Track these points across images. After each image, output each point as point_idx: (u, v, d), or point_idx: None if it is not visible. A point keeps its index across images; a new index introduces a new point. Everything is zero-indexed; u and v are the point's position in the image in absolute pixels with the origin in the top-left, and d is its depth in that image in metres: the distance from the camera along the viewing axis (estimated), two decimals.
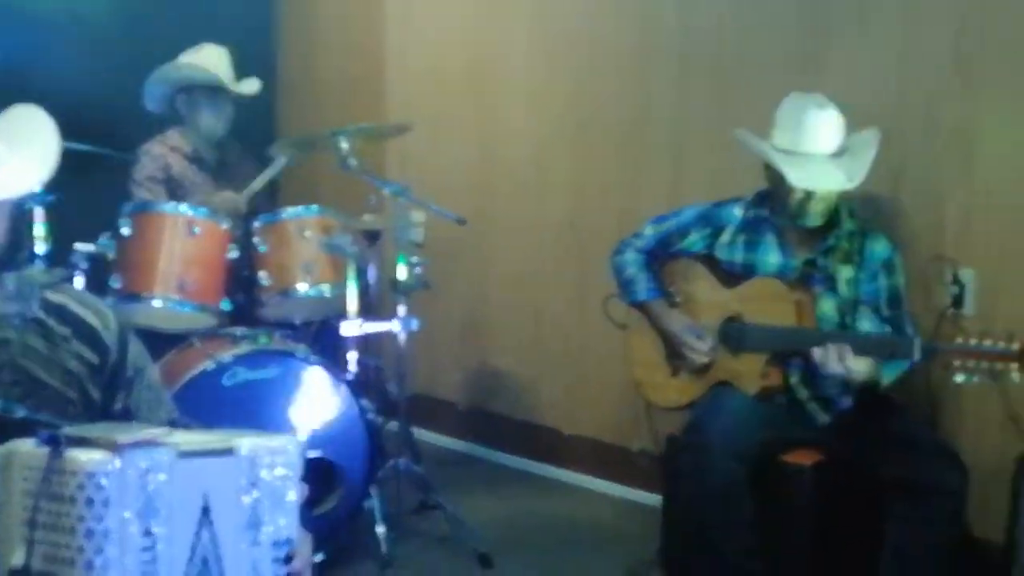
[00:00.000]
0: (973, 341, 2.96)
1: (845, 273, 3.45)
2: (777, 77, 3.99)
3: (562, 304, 4.86)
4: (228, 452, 1.79)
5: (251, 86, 4.58)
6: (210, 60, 4.49)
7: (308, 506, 1.92)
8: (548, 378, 4.97)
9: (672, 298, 3.69)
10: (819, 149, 3.36)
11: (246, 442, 1.81)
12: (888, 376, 3.33)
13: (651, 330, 3.71)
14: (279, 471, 1.82)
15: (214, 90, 4.45)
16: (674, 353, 3.64)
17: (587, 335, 4.71)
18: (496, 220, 5.08)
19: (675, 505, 3.65)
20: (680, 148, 4.38)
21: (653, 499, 4.17)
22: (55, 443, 1.66)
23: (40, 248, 3.88)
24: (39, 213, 3.88)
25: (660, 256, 3.72)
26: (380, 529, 3.81)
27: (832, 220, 3.46)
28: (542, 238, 4.93)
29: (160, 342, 3.79)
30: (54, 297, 2.08)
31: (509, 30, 5.02)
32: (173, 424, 2.13)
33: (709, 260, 3.64)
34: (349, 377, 3.90)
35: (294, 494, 1.85)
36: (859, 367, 3.19)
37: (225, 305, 3.94)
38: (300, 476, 1.86)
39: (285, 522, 1.83)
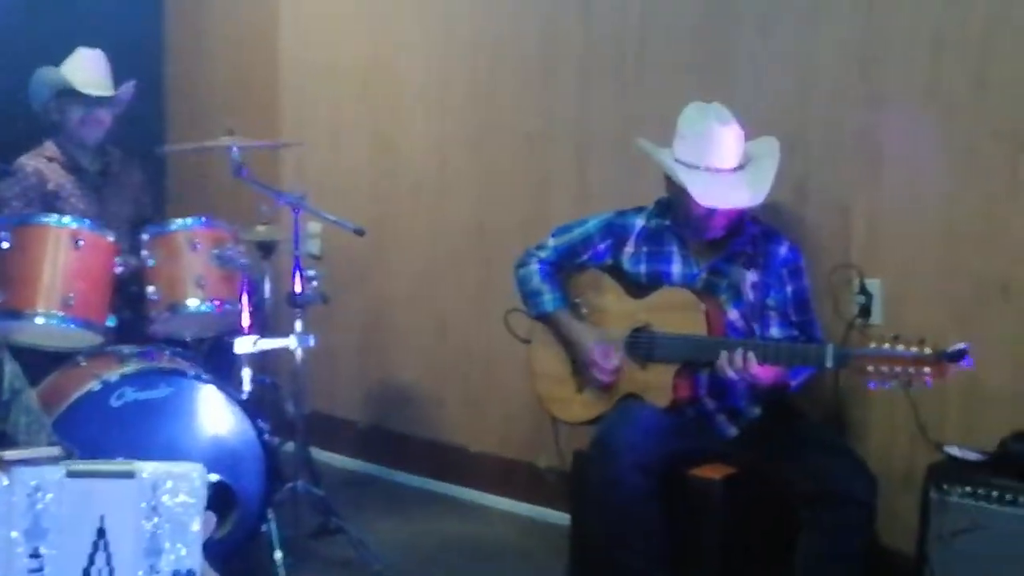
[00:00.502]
0: (886, 346, 2.95)
1: (750, 279, 3.45)
2: (680, 84, 4.00)
3: (465, 316, 4.80)
4: (129, 475, 1.73)
5: (124, 91, 4.42)
6: (81, 64, 4.34)
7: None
8: (452, 394, 4.90)
9: (579, 309, 3.66)
10: (722, 164, 3.36)
11: (148, 466, 1.77)
12: (794, 383, 3.36)
13: (556, 343, 3.67)
14: (182, 498, 1.78)
15: (85, 96, 4.30)
16: (580, 367, 3.59)
17: (491, 349, 4.65)
18: (396, 230, 5.00)
19: (583, 522, 3.61)
20: (585, 154, 4.36)
21: (561, 517, 4.13)
22: None
23: None
24: None
25: (565, 267, 3.70)
26: (278, 554, 3.72)
27: (734, 227, 3.47)
28: (444, 248, 4.87)
29: (44, 361, 3.68)
30: None
31: (407, 33, 4.96)
32: None
33: (615, 270, 3.63)
34: (244, 396, 3.81)
35: (198, 524, 1.79)
36: (764, 375, 3.18)
37: (112, 322, 3.79)
38: (205, 505, 1.79)
39: (187, 552, 1.77)
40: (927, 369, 2.89)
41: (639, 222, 3.60)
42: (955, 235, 3.49)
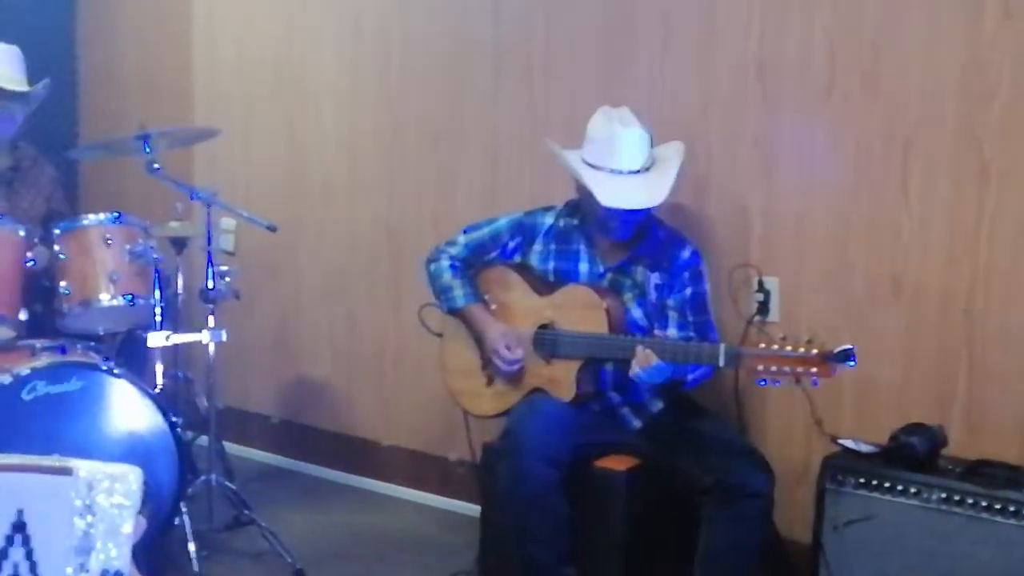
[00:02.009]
0: (775, 346, 3.04)
1: (654, 280, 3.52)
2: (585, 87, 4.08)
3: (377, 312, 4.83)
4: (64, 471, 1.72)
5: (39, 88, 4.35)
6: None
7: None
8: (363, 388, 4.93)
9: (487, 305, 3.71)
10: (625, 167, 3.43)
11: (85, 465, 1.76)
12: (691, 378, 3.44)
13: (467, 338, 3.72)
14: (117, 499, 1.78)
15: (1, 91, 4.24)
16: (489, 361, 3.65)
17: (403, 343, 4.69)
18: (309, 226, 5.02)
19: (492, 513, 3.65)
20: (495, 153, 4.41)
21: (472, 509, 4.19)
22: None
23: None
24: None
25: (474, 264, 3.74)
26: (191, 546, 3.71)
27: (641, 229, 3.53)
28: (356, 244, 4.89)
29: None
30: None
31: (318, 28, 4.96)
32: None
33: (523, 268, 3.69)
34: (156, 390, 3.80)
35: (130, 526, 1.80)
36: (664, 370, 3.26)
37: (23, 316, 3.76)
38: (138, 508, 1.80)
39: (117, 553, 1.78)
40: (814, 369, 2.97)
41: (548, 221, 3.66)
42: (847, 234, 3.60)
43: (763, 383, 3.07)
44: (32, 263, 3.80)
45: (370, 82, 4.79)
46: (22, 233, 3.79)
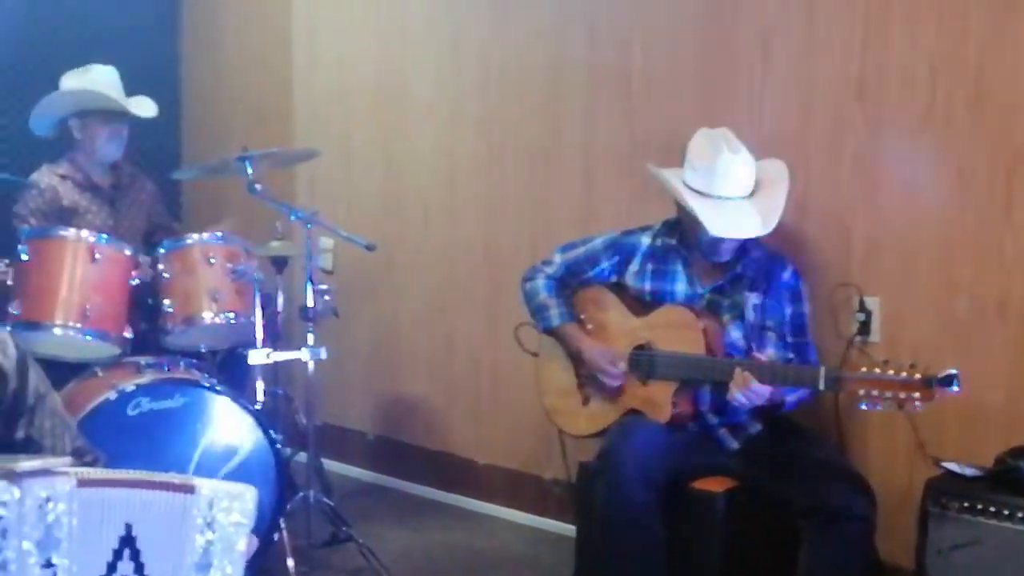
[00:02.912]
0: (877, 370, 2.99)
1: (752, 300, 3.49)
2: (683, 108, 4.05)
3: (474, 330, 4.84)
4: (188, 489, 1.76)
5: (148, 108, 4.46)
6: (101, 81, 4.36)
7: None
8: (460, 406, 4.94)
9: (583, 325, 3.70)
10: (733, 193, 3.40)
11: (207, 483, 1.81)
12: (791, 400, 3.39)
13: (562, 357, 3.72)
14: (235, 517, 1.81)
15: (109, 113, 4.35)
16: (585, 380, 3.65)
17: (499, 362, 4.70)
18: (406, 246, 5.05)
19: (588, 534, 3.62)
20: (591, 174, 4.40)
21: (567, 528, 4.17)
22: None
23: None
24: None
25: (570, 283, 3.74)
26: (291, 562, 3.75)
27: (740, 249, 3.50)
28: (453, 263, 4.91)
29: (61, 371, 3.69)
30: None
31: (418, 52, 5.00)
32: (80, 452, 2.08)
33: (619, 288, 3.67)
34: (257, 407, 3.84)
35: (244, 544, 1.82)
36: (763, 393, 3.22)
37: (128, 333, 3.84)
38: (251, 527, 1.84)
39: (232, 570, 1.81)
40: (916, 394, 2.92)
41: (645, 241, 3.64)
42: (952, 254, 3.53)
43: (864, 407, 3.02)
44: (137, 282, 3.88)
45: (468, 103, 4.82)
46: (128, 252, 3.87)
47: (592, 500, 3.43)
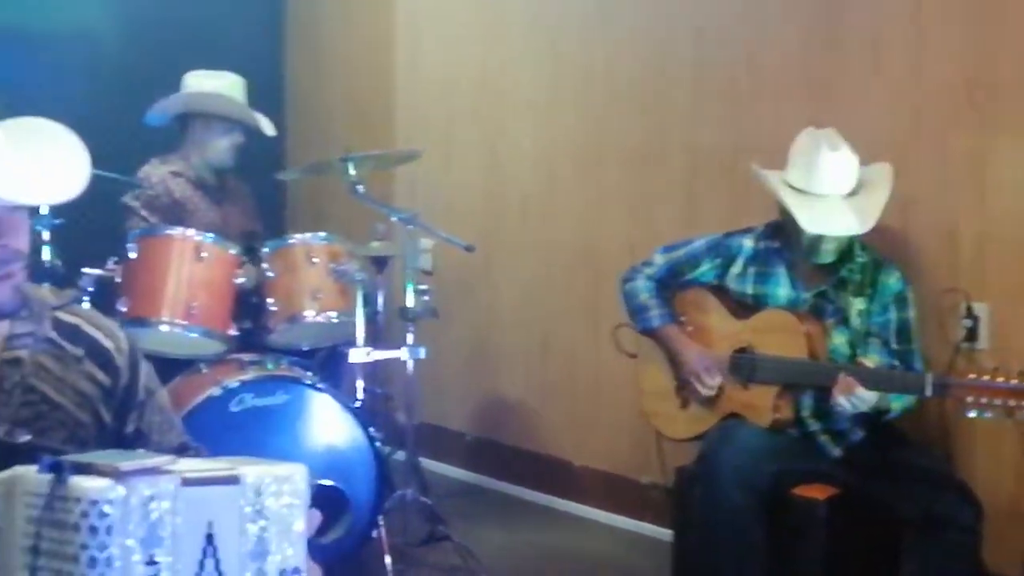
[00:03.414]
0: (986, 377, 2.93)
1: (857, 305, 3.43)
2: (789, 108, 3.99)
3: (572, 332, 4.83)
4: (233, 480, 1.75)
5: (270, 127, 4.56)
6: (235, 91, 4.46)
7: (315, 534, 1.88)
8: (557, 408, 4.93)
9: (683, 327, 3.67)
10: (831, 191, 3.36)
11: (251, 470, 1.77)
12: (896, 407, 3.33)
13: (662, 360, 3.69)
14: (285, 500, 1.79)
15: (234, 122, 4.44)
16: (685, 383, 3.62)
17: (597, 363, 4.68)
18: (505, 246, 5.06)
19: (686, 539, 3.61)
20: (694, 175, 4.36)
21: (664, 533, 4.13)
22: (58, 470, 1.62)
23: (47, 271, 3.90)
24: (46, 236, 3.90)
25: (670, 285, 3.71)
26: (388, 560, 3.78)
27: (845, 253, 3.44)
28: (552, 263, 4.91)
29: (167, 367, 3.74)
30: (66, 318, 2.05)
31: (519, 54, 5.00)
32: (184, 448, 2.11)
33: (720, 290, 3.64)
34: (357, 405, 3.87)
35: (301, 523, 1.81)
36: (867, 399, 3.17)
37: (232, 331, 3.91)
38: (308, 505, 1.82)
39: (292, 552, 1.79)
40: None
41: (748, 243, 3.59)
42: None
43: (972, 415, 2.95)
44: (242, 280, 3.94)
45: (570, 102, 4.81)
46: (233, 251, 3.93)
47: (690, 505, 3.43)
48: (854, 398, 3.15)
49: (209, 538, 1.71)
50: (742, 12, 4.20)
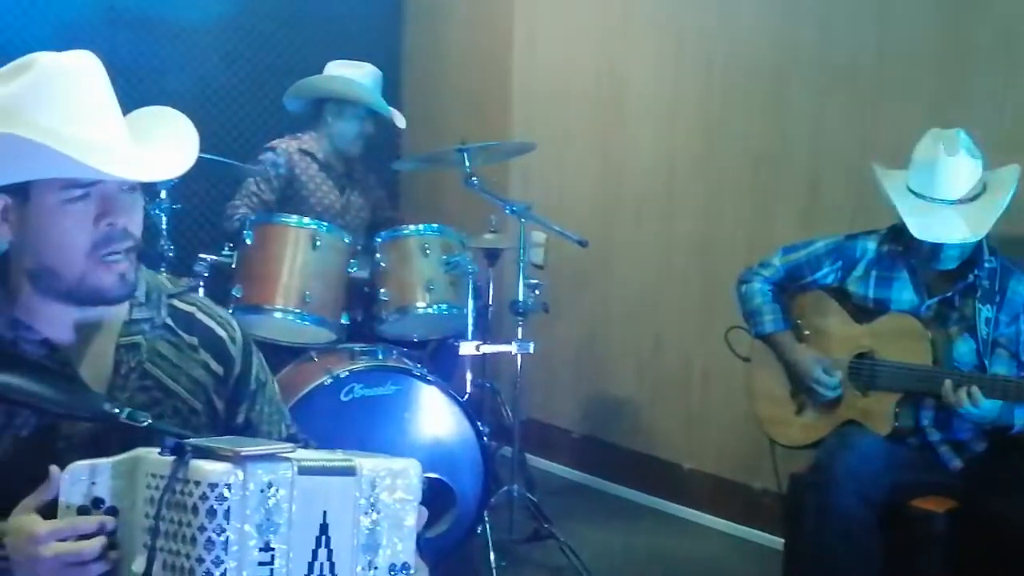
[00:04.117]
0: None
1: (984, 313, 3.32)
2: (918, 106, 3.89)
3: (685, 331, 4.77)
4: (349, 471, 1.76)
5: (401, 120, 4.63)
6: (371, 82, 4.53)
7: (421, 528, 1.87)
8: (667, 408, 4.88)
9: (800, 331, 3.60)
10: (946, 196, 3.26)
11: (367, 463, 1.78)
12: (1020, 422, 3.23)
13: (776, 364, 3.63)
14: (399, 494, 1.79)
15: (366, 111, 4.48)
16: (800, 389, 3.55)
17: (710, 365, 4.62)
18: (620, 243, 5.02)
19: (798, 548, 3.53)
20: (816, 175, 4.27)
21: (774, 540, 4.09)
22: (180, 452, 1.65)
23: (164, 256, 3.97)
24: (163, 221, 3.98)
25: (789, 288, 3.65)
26: (492, 556, 3.77)
27: (971, 258, 3.33)
28: (667, 263, 4.85)
29: (278, 354, 3.80)
30: (182, 306, 2.07)
31: (639, 49, 4.95)
32: (293, 439, 2.12)
33: (840, 294, 3.56)
34: (465, 398, 3.87)
35: (413, 519, 1.81)
36: (990, 410, 3.09)
37: (344, 320, 3.92)
38: (419, 500, 1.82)
39: (403, 547, 1.80)
40: None
41: (870, 246, 3.51)
42: None
43: None
44: (354, 269, 3.95)
45: (689, 99, 4.74)
46: (347, 240, 3.95)
47: (803, 513, 3.34)
48: (978, 408, 3.07)
49: (323, 528, 1.72)
50: (871, 8, 4.09)
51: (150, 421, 1.83)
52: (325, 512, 1.71)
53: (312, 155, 4.51)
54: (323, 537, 1.71)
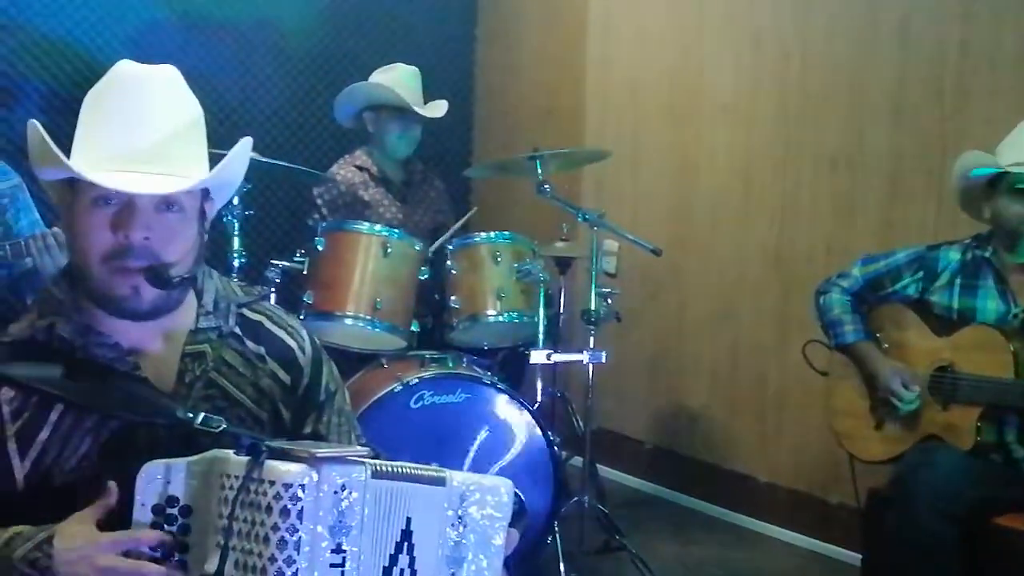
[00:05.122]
0: None
1: None
2: (1004, 110, 3.79)
3: (761, 342, 4.71)
4: (439, 482, 1.77)
5: (437, 109, 4.58)
6: (401, 80, 4.50)
7: None
8: (742, 421, 4.82)
9: (879, 344, 3.54)
10: None
11: (459, 475, 1.79)
12: None
13: (855, 378, 3.58)
14: (488, 511, 1.80)
15: (402, 111, 4.46)
16: (879, 402, 3.49)
17: (786, 377, 4.56)
18: (694, 252, 4.97)
19: (876, 565, 3.49)
20: (896, 181, 4.20)
21: (851, 556, 4.02)
22: (256, 452, 1.66)
23: (236, 261, 4.01)
24: (235, 227, 4.02)
25: (868, 299, 3.60)
26: (562, 567, 3.75)
27: None
28: (743, 272, 4.79)
29: (348, 361, 3.80)
30: (252, 315, 2.08)
31: (715, 51, 4.89)
32: None
33: (920, 305, 3.51)
34: (535, 407, 3.83)
35: (501, 538, 1.81)
36: None
37: (415, 327, 3.91)
38: (509, 520, 1.80)
39: (488, 564, 1.79)
40: None
41: (953, 256, 3.45)
42: None
43: None
44: (426, 276, 3.94)
45: (767, 104, 4.68)
46: (418, 247, 3.95)
47: (882, 530, 3.29)
48: None
49: (406, 535, 1.72)
50: (953, 6, 4.01)
51: (225, 426, 1.83)
52: (409, 519, 1.72)
53: (367, 170, 4.51)
54: (405, 544, 1.72)
